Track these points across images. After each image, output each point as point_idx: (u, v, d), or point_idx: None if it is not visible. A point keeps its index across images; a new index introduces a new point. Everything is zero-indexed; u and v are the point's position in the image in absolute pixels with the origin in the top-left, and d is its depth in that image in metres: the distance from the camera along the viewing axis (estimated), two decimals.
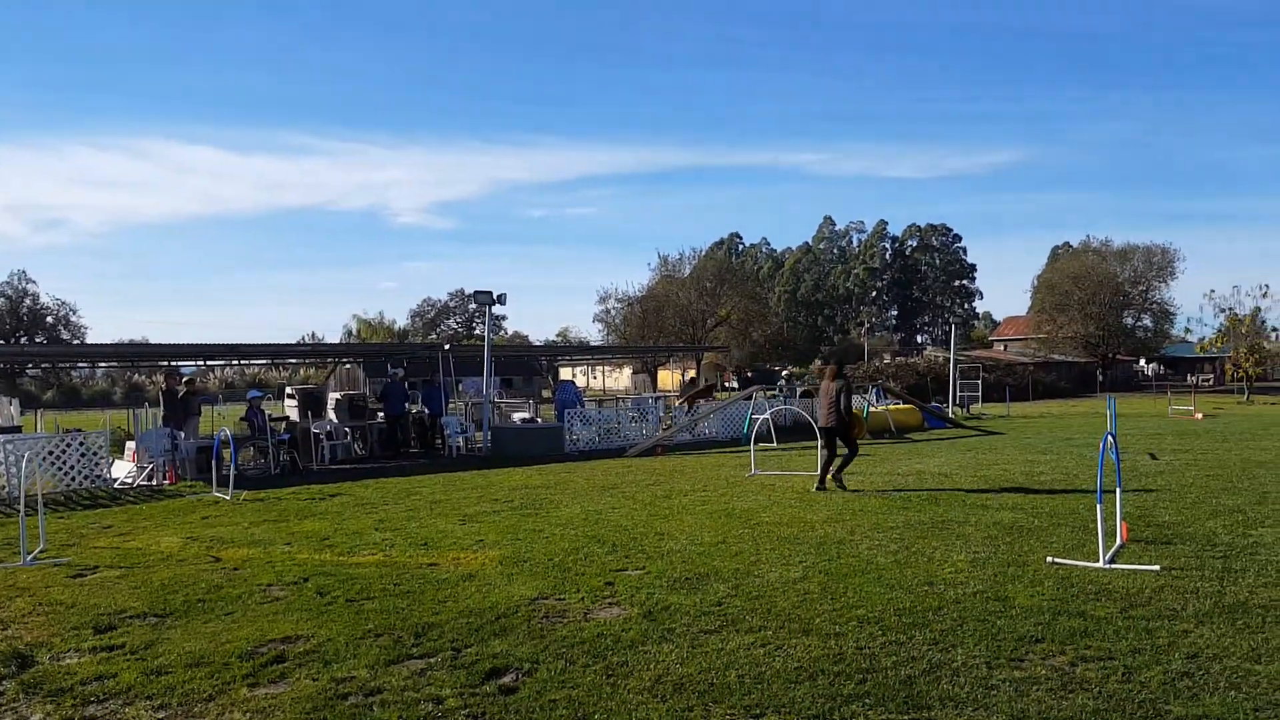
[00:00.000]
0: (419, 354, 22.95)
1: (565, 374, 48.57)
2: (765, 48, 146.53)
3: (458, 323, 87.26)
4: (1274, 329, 40.73)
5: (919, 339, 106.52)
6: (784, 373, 28.16)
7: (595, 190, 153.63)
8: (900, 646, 4.80)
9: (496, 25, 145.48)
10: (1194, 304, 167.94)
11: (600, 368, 69.44)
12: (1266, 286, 42.12)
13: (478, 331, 65.33)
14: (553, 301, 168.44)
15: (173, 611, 5.95)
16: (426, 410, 19.22)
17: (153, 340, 50.54)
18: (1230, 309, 39.69)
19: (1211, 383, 58.49)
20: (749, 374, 28.43)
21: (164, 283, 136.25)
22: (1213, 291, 47.29)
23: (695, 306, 47.80)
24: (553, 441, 17.82)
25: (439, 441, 18.84)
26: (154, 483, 14.06)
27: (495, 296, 18.59)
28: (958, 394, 31.54)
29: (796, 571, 6.55)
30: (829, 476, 11.02)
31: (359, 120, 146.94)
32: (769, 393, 24.74)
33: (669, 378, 51.87)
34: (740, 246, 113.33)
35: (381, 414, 18.80)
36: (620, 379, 69.53)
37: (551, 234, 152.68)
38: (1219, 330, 40.50)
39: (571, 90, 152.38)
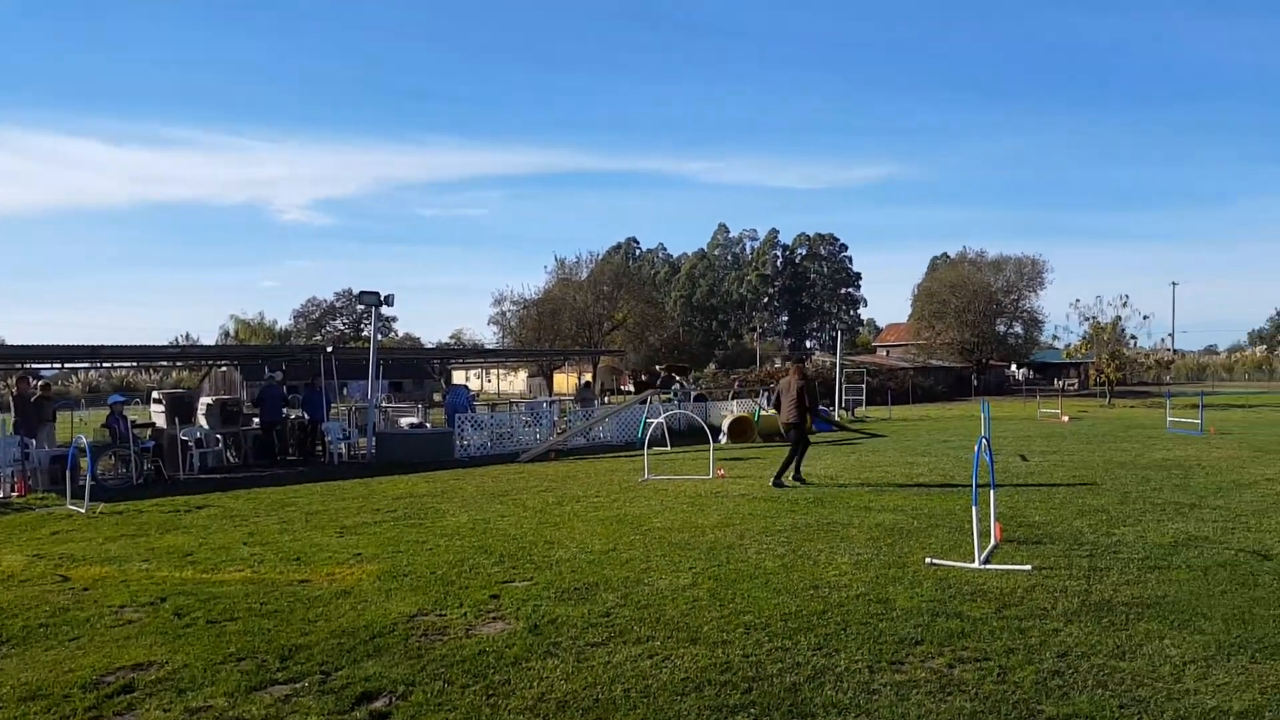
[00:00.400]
0: (299, 356, 22.00)
1: (459, 377, 47.63)
2: (660, 54, 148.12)
3: (345, 324, 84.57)
4: (1133, 337, 43.36)
5: (808, 344, 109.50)
6: (678, 377, 28.35)
7: (489, 191, 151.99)
8: (786, 653, 4.79)
9: (385, 19, 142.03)
10: (1061, 312, 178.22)
11: (495, 371, 68.51)
12: (1126, 297, 45.52)
13: (365, 333, 63.33)
14: (446, 303, 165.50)
15: (9, 639, 5.42)
16: (306, 415, 18.42)
17: (8, 341, 46.91)
18: (1094, 318, 42.09)
19: (1076, 387, 62.27)
20: (673, 375, 28.47)
21: (25, 281, 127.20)
22: (1078, 301, 50.54)
23: (592, 310, 47.72)
24: (442, 447, 17.36)
25: (319, 448, 18.09)
26: (0, 495, 12.96)
27: (382, 297, 17.98)
28: (843, 397, 32.48)
29: (686, 578, 6.51)
30: (789, 475, 11.76)
31: (241, 113, 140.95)
32: (664, 396, 24.86)
33: (565, 381, 51.56)
34: (637, 251, 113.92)
35: (257, 420, 17.91)
36: (515, 382, 68.80)
37: (444, 234, 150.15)
38: (1083, 338, 42.94)
39: (463, 89, 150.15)
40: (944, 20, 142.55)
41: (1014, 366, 68.47)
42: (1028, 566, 6.54)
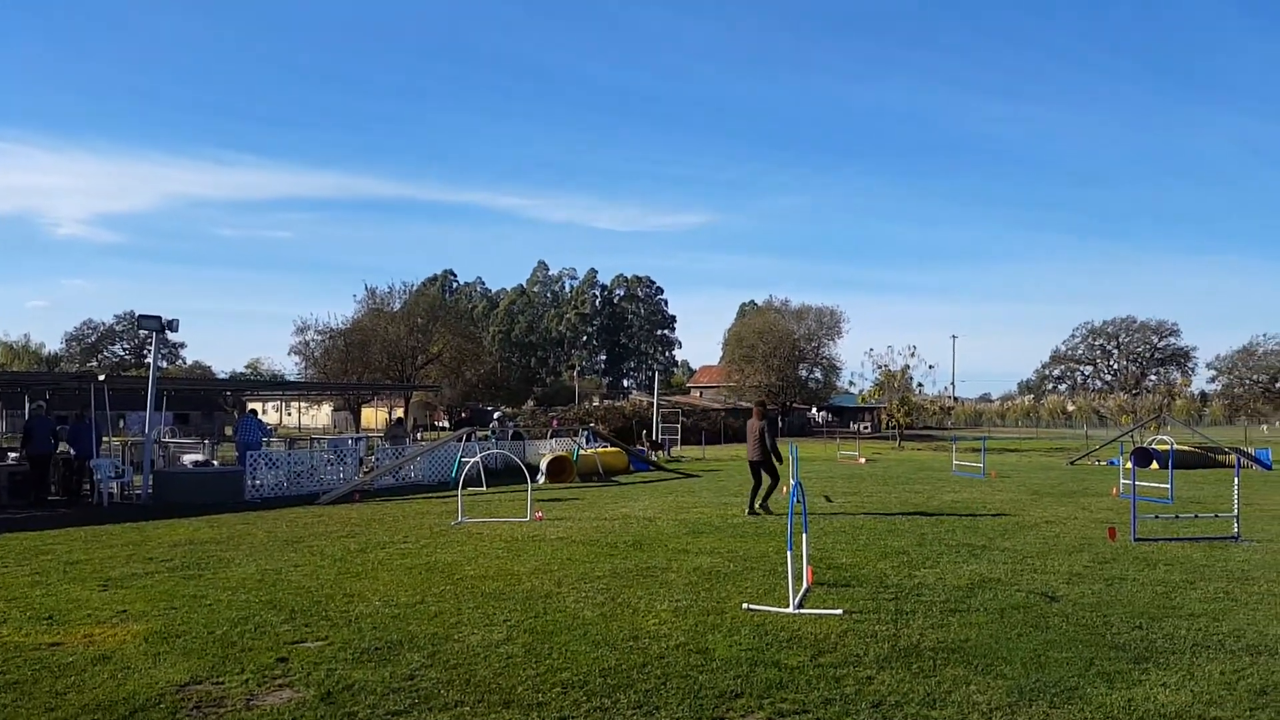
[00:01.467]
0: (65, 385, 19.59)
1: (256, 410, 44.39)
2: (476, 91, 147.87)
3: (126, 349, 77.17)
4: (919, 384, 47.07)
5: (625, 383, 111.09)
6: (496, 414, 27.70)
7: (295, 213, 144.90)
8: (604, 713, 4.52)
9: (181, 31, 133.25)
10: (856, 360, 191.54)
11: (296, 404, 64.52)
12: (914, 347, 50.03)
13: (150, 360, 57.96)
14: (243, 330, 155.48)
15: None
16: (72, 451, 16.36)
17: None
18: (885, 365, 45.36)
19: (869, 430, 66.58)
20: (498, 415, 27.62)
21: None
22: (871, 350, 54.20)
23: (405, 342, 45.94)
24: (231, 487, 15.88)
25: (87, 488, 16.09)
26: None
27: (165, 322, 16.27)
28: (659, 437, 32.95)
29: (500, 632, 6.10)
30: (758, 504, 12.91)
31: (14, 118, 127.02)
32: (481, 434, 24.15)
33: (374, 416, 49.23)
34: (454, 284, 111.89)
35: (14, 455, 15.72)
36: (319, 416, 65.07)
37: (244, 256, 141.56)
38: (876, 384, 46.13)
39: (267, 108, 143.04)
40: (746, 79, 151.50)
41: (815, 409, 72.35)
42: (839, 611, 6.63)
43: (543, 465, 19.50)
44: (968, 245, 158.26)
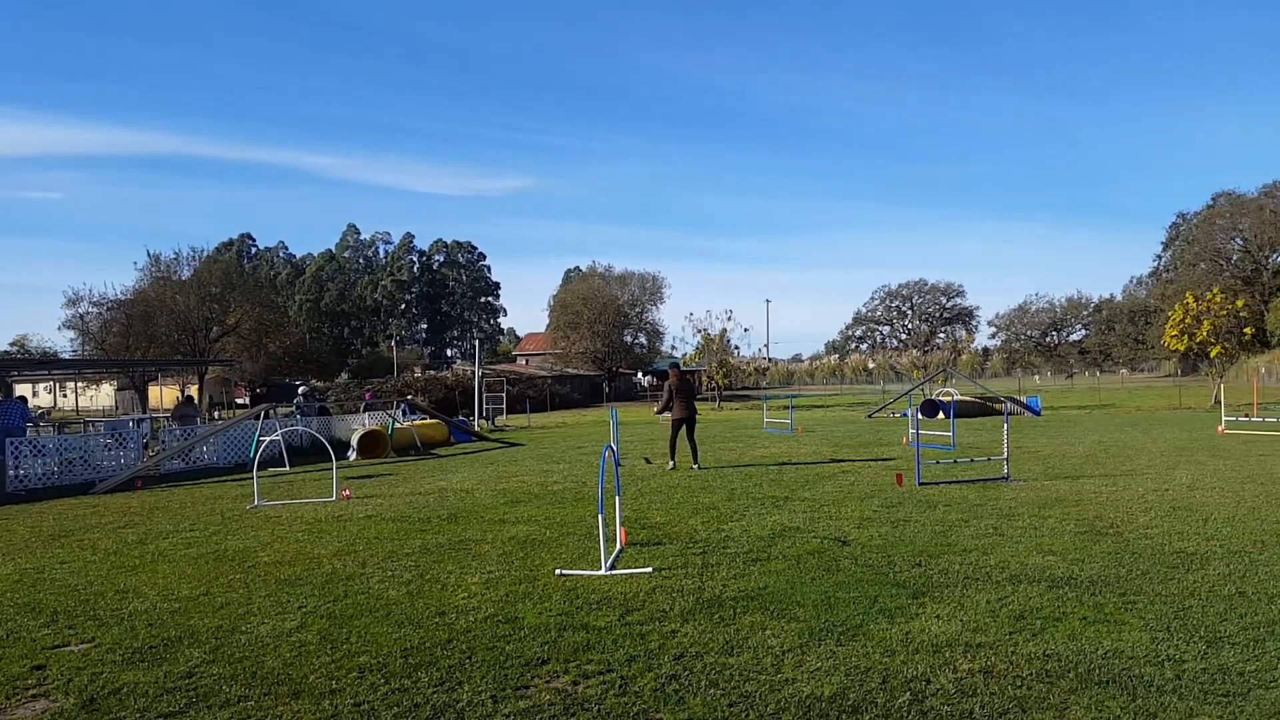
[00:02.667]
0: None
1: (24, 392, 39.75)
2: (281, 41, 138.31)
3: None
4: (737, 347, 48.97)
5: (449, 353, 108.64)
6: (301, 388, 26.23)
7: (64, 172, 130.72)
8: (404, 694, 4.36)
9: None
10: (678, 325, 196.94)
11: (72, 384, 58.57)
12: (731, 311, 52.05)
13: None
14: (6, 304, 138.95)
15: None
16: None
17: None
18: (704, 330, 46.82)
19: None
20: (303, 389, 25.95)
21: None
22: (691, 314, 55.71)
23: (197, 314, 42.40)
24: None
25: None
26: None
27: None
28: (484, 407, 32.46)
29: (293, 620, 5.76)
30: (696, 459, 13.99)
31: None
32: (285, 410, 22.84)
33: (162, 394, 45.39)
34: (253, 249, 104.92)
35: None
36: (99, 397, 59.41)
37: (2, 221, 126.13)
38: (697, 348, 47.54)
39: (29, 50, 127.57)
40: (567, 42, 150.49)
41: (640, 374, 73.62)
42: (649, 569, 6.75)
43: (354, 441, 18.70)
44: (779, 213, 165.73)
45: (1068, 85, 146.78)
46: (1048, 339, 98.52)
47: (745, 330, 63.14)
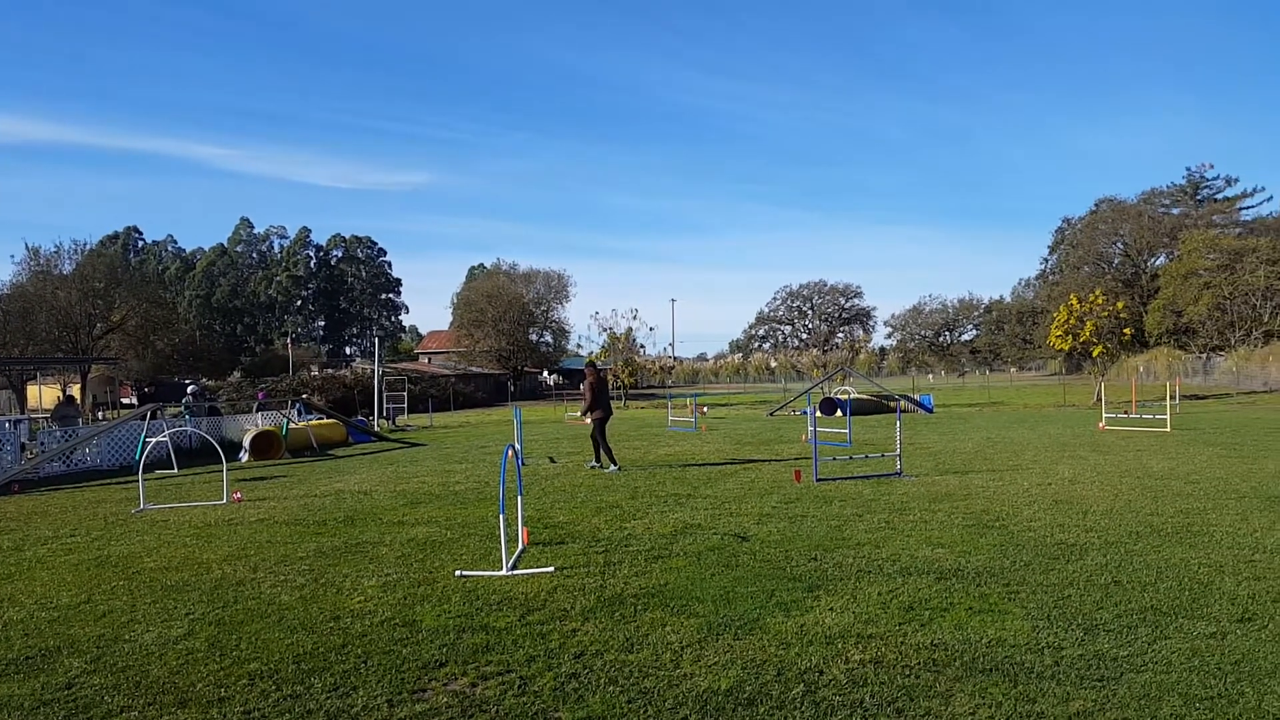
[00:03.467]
0: None
1: None
2: (167, 27, 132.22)
3: None
4: (642, 345, 49.23)
5: (347, 351, 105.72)
6: (190, 388, 25.10)
7: None
8: (296, 700, 4.23)
9: None
10: (584, 323, 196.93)
11: None
12: (636, 310, 52.65)
13: None
14: None
15: None
16: None
17: None
18: (610, 328, 46.94)
19: None
20: (191, 388, 24.75)
21: None
22: (597, 313, 55.84)
23: (80, 310, 40.08)
24: None
25: None
26: None
27: None
28: (384, 407, 31.71)
29: (180, 627, 5.51)
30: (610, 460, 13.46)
31: None
32: (173, 410, 21.84)
33: (41, 394, 42.74)
34: (140, 243, 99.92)
35: None
36: None
37: None
38: (603, 346, 47.62)
39: None
40: (472, 39, 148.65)
41: (546, 373, 73.29)
42: (551, 568, 6.73)
43: (246, 442, 17.99)
44: (683, 213, 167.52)
45: (959, 92, 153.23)
46: (940, 339, 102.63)
47: (651, 329, 64.13)
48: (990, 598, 5.66)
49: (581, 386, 14.29)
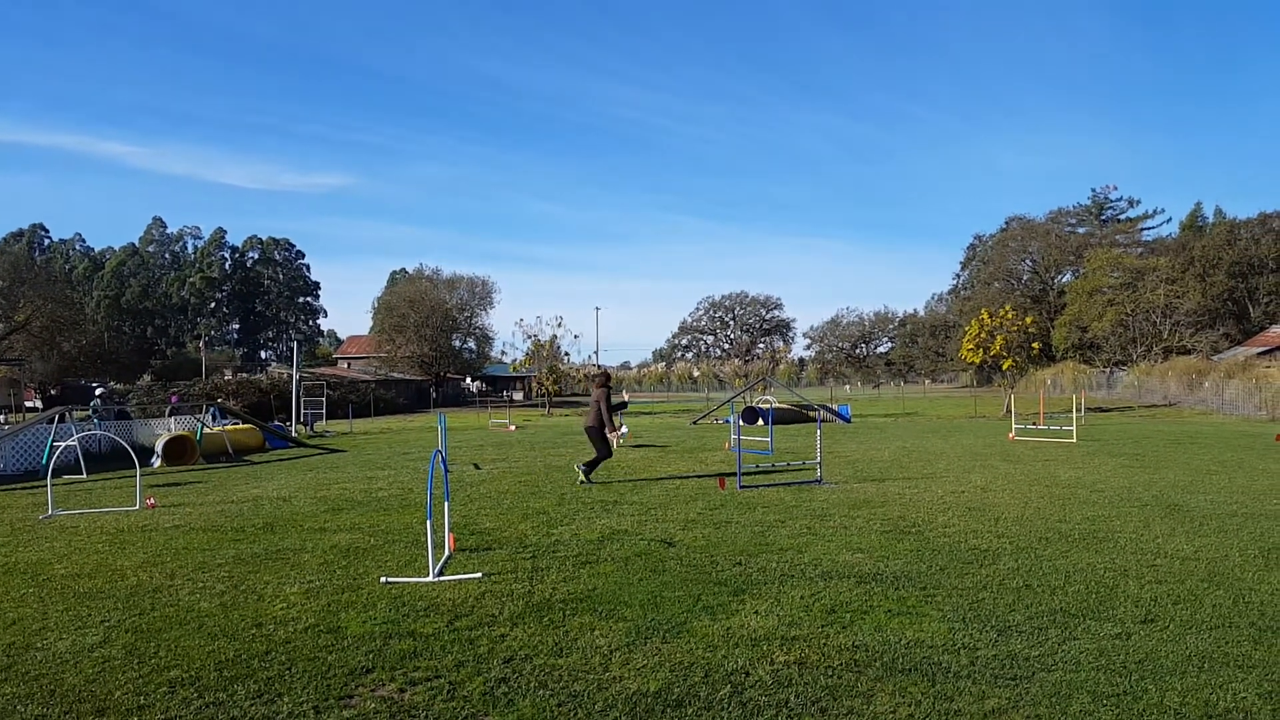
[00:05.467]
0: None
1: None
2: (70, 19, 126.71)
3: None
4: (567, 353, 49.15)
5: (263, 355, 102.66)
6: (99, 391, 24.06)
7: None
8: (219, 708, 4.16)
9: None
10: (508, 330, 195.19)
11: None
12: (561, 318, 52.62)
13: None
14: None
15: None
16: None
17: None
18: (535, 336, 46.73)
19: (522, 398, 68.16)
20: (100, 391, 23.67)
21: None
22: (521, 320, 55.52)
23: None
24: None
25: None
26: None
27: None
28: (302, 412, 30.92)
29: (96, 635, 5.34)
30: (590, 473, 12.46)
31: None
32: (80, 414, 20.91)
33: None
34: (46, 241, 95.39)
35: None
36: None
37: None
38: (527, 353, 47.37)
39: None
40: (393, 43, 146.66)
41: (469, 379, 72.45)
42: (478, 574, 6.72)
43: (158, 447, 17.35)
44: (609, 223, 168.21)
45: (876, 110, 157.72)
46: (857, 350, 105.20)
47: (576, 337, 64.03)
48: (908, 601, 5.89)
49: (594, 394, 13.14)
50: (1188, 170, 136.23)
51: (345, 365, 74.46)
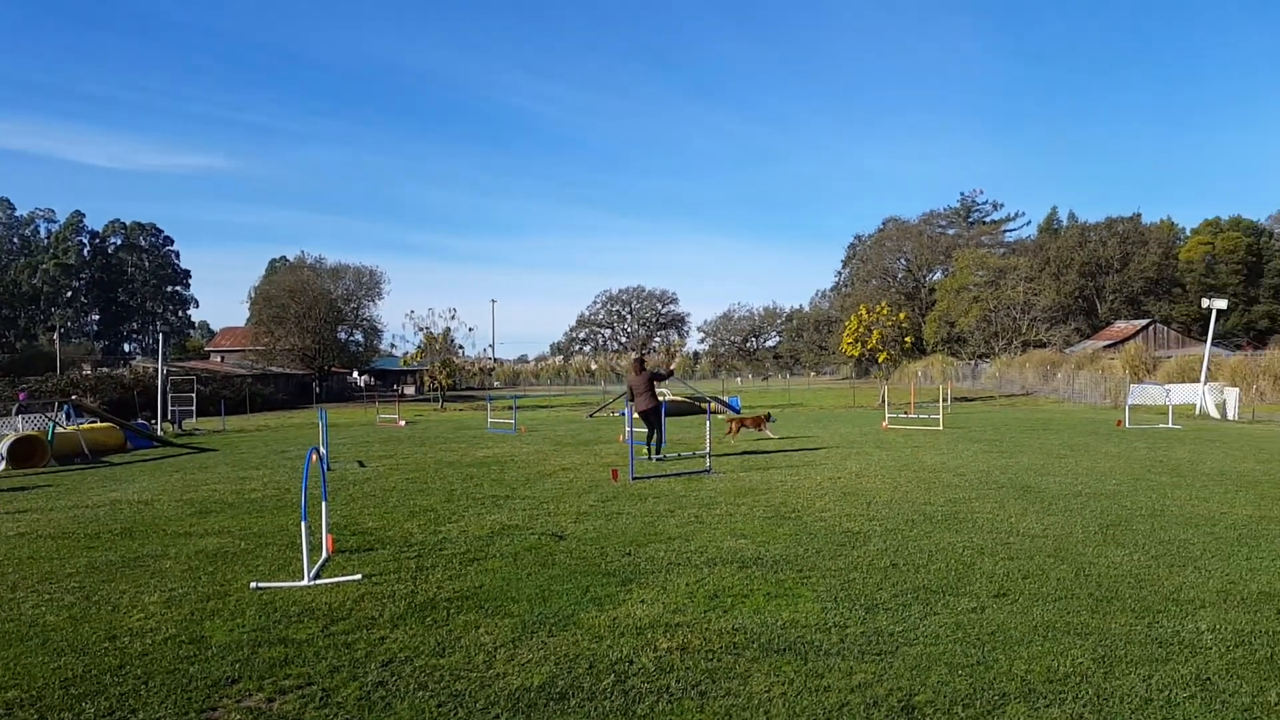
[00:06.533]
0: None
1: None
2: None
3: None
4: (461, 346, 48.16)
5: (127, 348, 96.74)
6: None
7: None
8: None
9: None
10: (398, 322, 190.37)
11: None
12: (455, 310, 51.51)
13: None
14: None
15: None
16: None
17: None
18: (427, 328, 45.57)
19: (414, 393, 66.62)
20: None
21: None
22: (413, 312, 53.99)
23: None
24: None
25: None
26: None
27: None
28: (169, 409, 29.27)
29: None
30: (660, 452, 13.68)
31: None
32: None
33: None
34: None
35: None
36: None
37: None
38: (419, 346, 46.16)
39: None
40: (269, 15, 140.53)
41: (356, 373, 70.34)
42: (358, 576, 6.48)
43: (2, 449, 16.06)
44: (504, 213, 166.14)
45: (768, 112, 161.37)
46: (748, 344, 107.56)
47: (470, 329, 63.04)
48: (786, 583, 6.03)
49: (638, 379, 14.43)
50: (1046, 175, 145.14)
51: (219, 359, 70.95)
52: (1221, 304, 27.63)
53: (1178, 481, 10.82)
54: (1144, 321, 65.46)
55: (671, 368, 15.80)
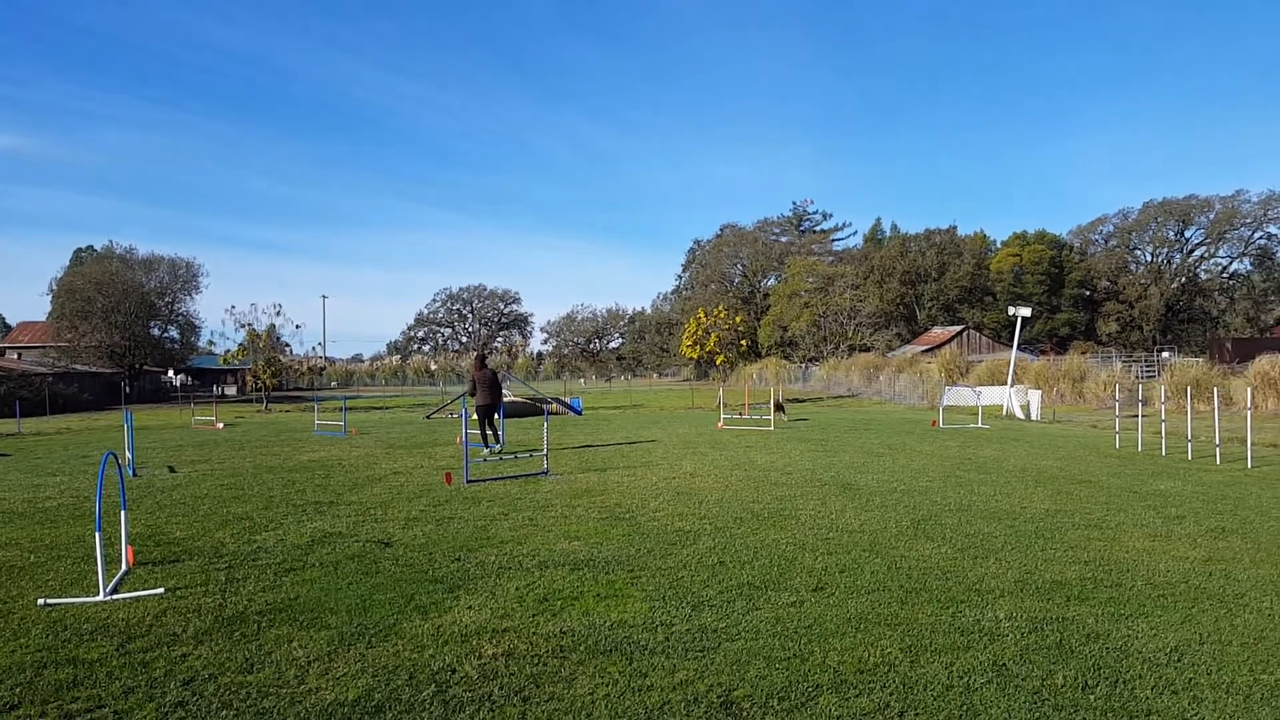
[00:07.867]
0: None
1: None
2: None
3: None
4: (287, 344, 45.72)
5: None
6: None
7: None
8: None
9: None
10: (218, 318, 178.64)
11: None
12: (280, 306, 48.93)
13: None
14: None
15: None
16: None
17: None
18: (250, 325, 42.96)
19: (236, 393, 62.70)
20: None
21: None
22: (234, 307, 50.52)
23: None
24: None
25: None
26: None
27: None
28: None
29: None
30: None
31: None
32: None
33: None
34: None
35: None
36: None
37: None
38: (241, 344, 43.44)
39: None
40: None
41: (171, 372, 65.48)
42: (161, 590, 6.04)
43: None
44: (336, 207, 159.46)
45: (612, 115, 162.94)
46: (592, 346, 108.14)
47: (298, 327, 59.65)
48: (616, 584, 6.11)
49: (475, 378, 15.78)
50: (871, 187, 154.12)
51: (15, 356, 64.25)
52: (1026, 311, 30.13)
53: (984, 478, 11.74)
54: (958, 328, 70.84)
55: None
